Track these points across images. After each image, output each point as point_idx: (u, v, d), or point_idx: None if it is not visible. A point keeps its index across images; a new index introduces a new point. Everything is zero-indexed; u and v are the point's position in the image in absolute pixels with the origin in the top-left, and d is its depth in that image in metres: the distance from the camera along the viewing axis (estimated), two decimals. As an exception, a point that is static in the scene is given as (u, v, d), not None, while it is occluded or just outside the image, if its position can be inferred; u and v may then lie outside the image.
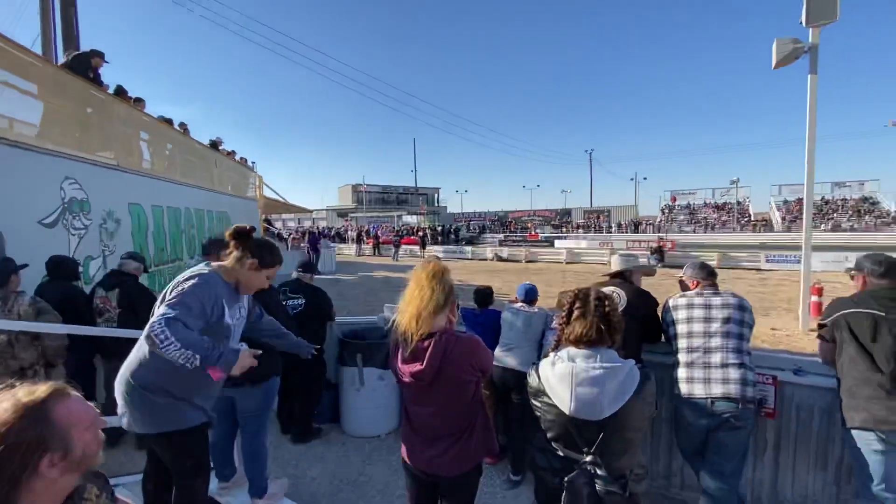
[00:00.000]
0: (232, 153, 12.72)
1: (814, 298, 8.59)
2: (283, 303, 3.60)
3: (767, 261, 17.77)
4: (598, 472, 1.44)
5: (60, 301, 3.16)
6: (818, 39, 7.09)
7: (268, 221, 22.76)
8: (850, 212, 36.32)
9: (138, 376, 1.91)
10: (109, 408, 3.66)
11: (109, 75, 6.52)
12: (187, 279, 1.88)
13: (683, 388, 2.42)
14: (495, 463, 3.39)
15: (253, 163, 15.46)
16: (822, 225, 33.92)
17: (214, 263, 2.03)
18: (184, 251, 8.13)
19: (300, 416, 3.89)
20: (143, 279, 4.34)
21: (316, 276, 4.23)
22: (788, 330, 7.93)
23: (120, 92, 6.79)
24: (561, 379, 1.47)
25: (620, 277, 3.03)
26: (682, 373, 2.46)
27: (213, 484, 2.88)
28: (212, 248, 3.91)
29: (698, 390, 2.37)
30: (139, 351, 1.94)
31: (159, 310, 1.78)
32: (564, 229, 45.80)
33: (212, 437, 2.76)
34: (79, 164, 5.16)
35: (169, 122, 8.43)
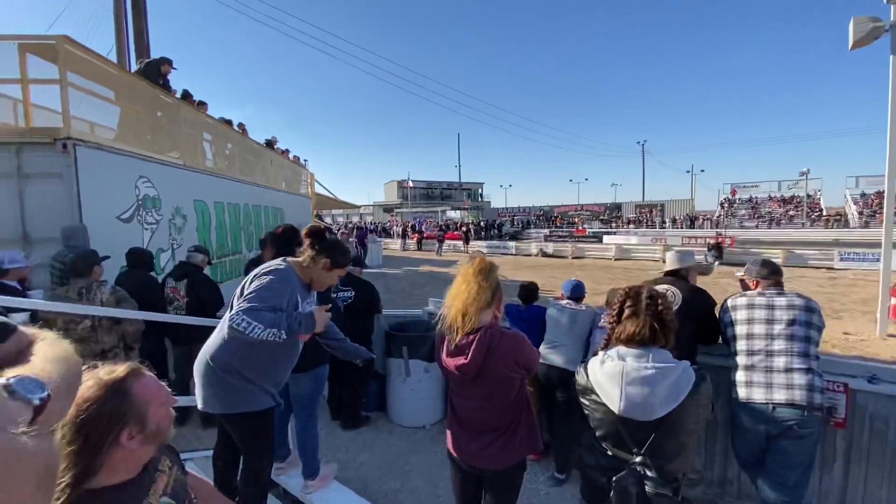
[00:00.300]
0: (286, 152, 13.29)
1: (893, 301, 7.82)
2: (334, 295, 3.76)
3: (841, 259, 16.34)
4: (649, 473, 1.41)
5: (137, 290, 3.47)
6: (905, 15, 6.41)
7: (319, 217, 23.63)
8: (942, 205, 32.58)
9: (217, 359, 2.04)
10: (179, 387, 4.01)
11: (175, 81, 6.98)
12: (266, 273, 1.99)
13: (742, 392, 2.30)
14: (539, 460, 3.38)
15: (305, 160, 16.08)
16: (908, 220, 30.67)
17: (290, 259, 2.14)
18: (242, 244, 8.63)
19: (349, 403, 4.06)
20: (207, 270, 4.67)
21: (364, 270, 4.37)
22: (863, 334, 7.28)
23: (186, 96, 7.28)
24: (610, 378, 1.45)
25: (675, 275, 2.91)
26: (740, 376, 2.34)
27: (270, 463, 3.08)
28: (269, 243, 4.16)
29: (758, 395, 2.24)
30: (219, 335, 2.08)
31: (238, 302, 1.91)
32: (614, 224, 44.20)
33: None
34: (151, 164, 5.60)
35: (229, 123, 8.94)
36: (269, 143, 11.51)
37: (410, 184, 54.96)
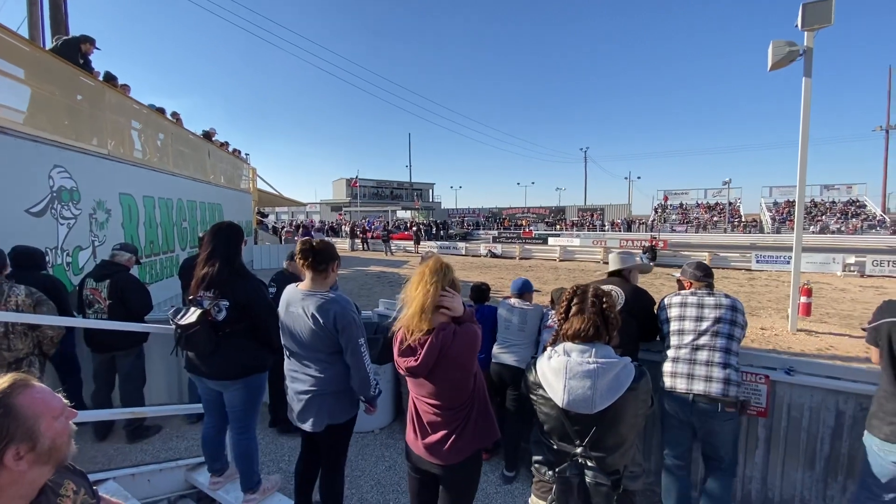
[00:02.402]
0: (225, 144, 12.57)
1: (802, 299, 8.69)
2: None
3: (757, 261, 17.96)
4: (589, 464, 1.44)
5: (44, 291, 3.10)
6: (812, 43, 7.14)
7: (261, 214, 22.57)
8: (837, 214, 36.80)
9: (336, 382, 2.19)
10: (99, 399, 3.64)
11: (100, 63, 6.37)
12: (354, 316, 2.11)
13: (667, 382, 2.52)
14: (489, 459, 3.41)
15: (247, 154, 15.31)
16: (811, 227, 34.32)
17: (328, 284, 2.22)
18: (175, 243, 8.03)
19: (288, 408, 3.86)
20: (135, 270, 4.28)
21: None
22: (777, 329, 8.02)
23: (109, 79, 6.67)
24: (555, 372, 1.49)
25: (619, 276, 3.04)
26: (667, 367, 2.55)
27: (205, 477, 2.86)
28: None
29: (680, 385, 2.46)
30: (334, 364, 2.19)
31: (357, 356, 2.09)
32: (558, 227, 45.89)
33: (204, 431, 2.74)
34: (68, 153, 5.06)
35: (161, 111, 8.29)
36: (207, 135, 10.82)
37: (359, 182, 53.94)
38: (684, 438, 2.51)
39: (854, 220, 35.31)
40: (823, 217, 36.69)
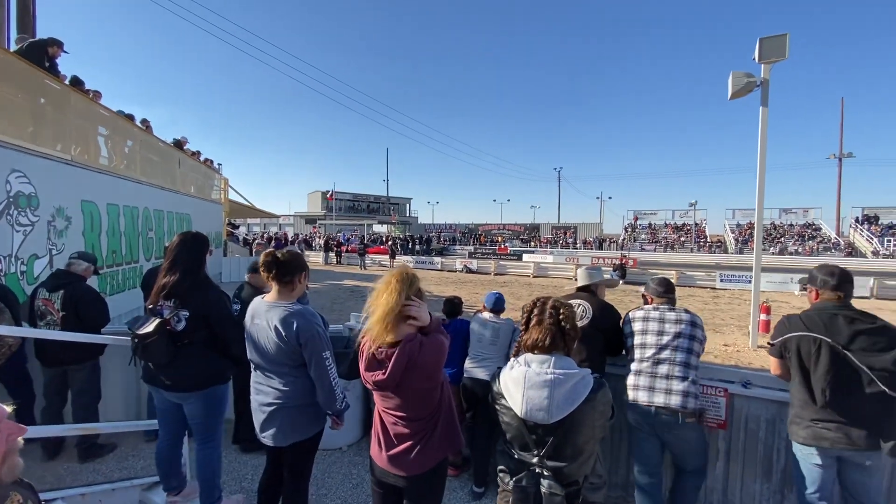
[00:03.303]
0: (196, 153, 12.32)
1: (762, 317, 9.07)
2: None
3: (721, 280, 18.68)
4: (545, 473, 1.47)
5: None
6: (769, 75, 7.62)
7: (232, 225, 22.07)
8: (795, 237, 38.73)
9: (300, 398, 2.14)
10: (49, 415, 3.44)
11: (68, 67, 6.20)
12: (318, 329, 2.07)
13: (630, 394, 2.61)
14: (458, 475, 3.38)
15: (219, 165, 15.02)
16: (771, 248, 35.97)
17: (295, 295, 2.17)
18: (140, 253, 7.76)
19: (251, 424, 3.74)
20: (94, 281, 4.11)
21: None
22: (738, 346, 8.33)
23: (76, 83, 6.48)
24: (515, 382, 1.52)
25: (587, 291, 3.12)
26: (630, 380, 2.64)
27: (161, 497, 2.73)
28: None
29: (642, 397, 2.54)
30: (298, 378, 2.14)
31: (321, 369, 2.05)
32: (533, 244, 46.54)
33: (158, 446, 2.63)
34: (28, 157, 4.87)
35: (130, 118, 8.08)
36: (178, 144, 10.60)
37: (335, 195, 53.49)
38: (653, 451, 2.57)
39: (810, 242, 37.22)
40: (782, 239, 38.53)
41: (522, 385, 1.49)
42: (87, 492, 2.59)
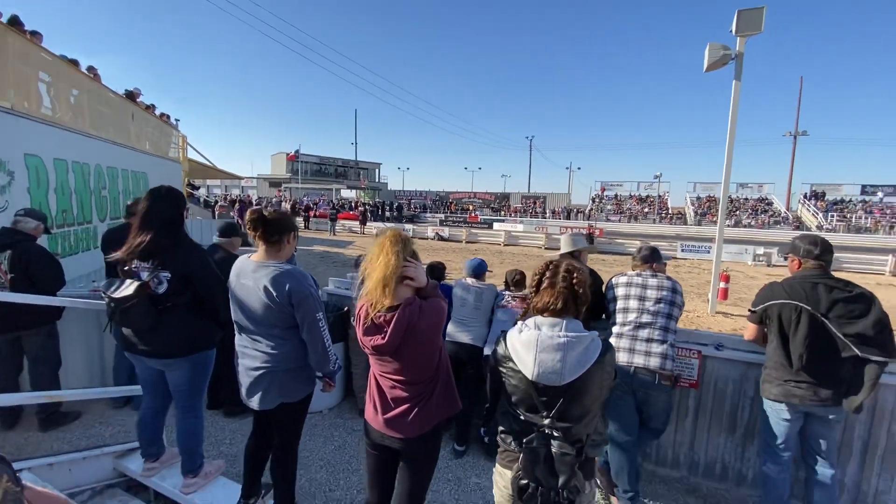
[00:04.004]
0: (151, 107, 11.43)
1: (722, 285, 9.56)
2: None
3: (682, 251, 19.50)
4: (555, 434, 1.49)
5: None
6: (744, 49, 7.71)
7: (192, 186, 20.96)
8: (749, 210, 40.73)
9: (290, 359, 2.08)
10: (2, 386, 3.22)
11: (3, 4, 5.49)
12: (311, 290, 2.00)
13: None
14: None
15: (177, 120, 14.06)
16: (728, 220, 37.83)
17: (283, 256, 2.07)
18: (93, 213, 7.24)
19: (233, 389, 3.66)
20: (44, 241, 3.80)
21: (246, 248, 3.91)
22: (699, 312, 8.79)
23: (14, 22, 5.77)
24: (526, 345, 1.51)
25: (570, 257, 3.14)
26: (612, 341, 2.71)
27: (137, 464, 2.64)
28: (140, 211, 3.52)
29: (623, 358, 2.64)
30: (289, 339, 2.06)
31: (314, 331, 1.98)
32: (503, 212, 46.88)
33: (141, 413, 2.52)
34: (-42, 102, 4.34)
35: (74, 63, 7.32)
36: (131, 95, 9.77)
37: (298, 157, 51.46)
38: (628, 409, 2.67)
39: (763, 215, 39.25)
40: (738, 212, 40.41)
41: (534, 348, 1.47)
42: (55, 461, 2.47)
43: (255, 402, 2.07)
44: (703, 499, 2.95)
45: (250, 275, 1.99)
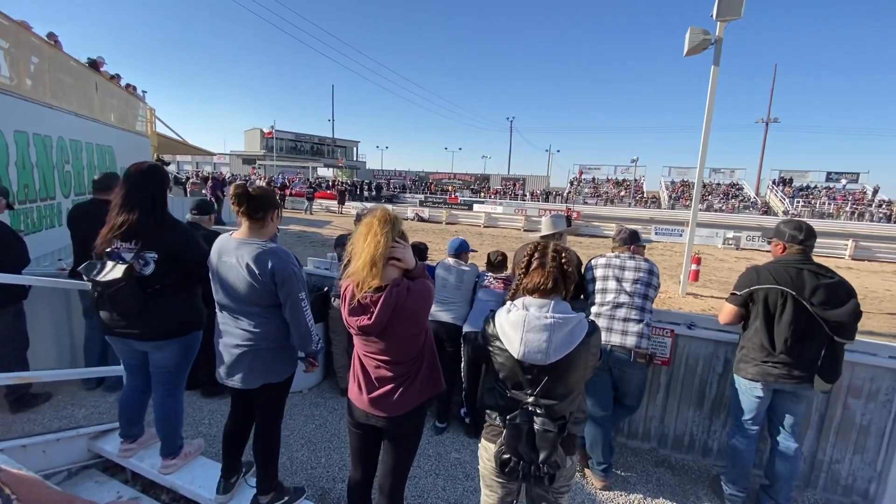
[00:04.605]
0: (116, 77, 10.85)
1: (693, 267, 9.88)
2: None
3: (656, 234, 19.98)
4: (538, 411, 1.54)
5: None
6: (723, 34, 7.80)
7: (161, 161, 20.15)
8: (721, 195, 41.94)
9: (272, 338, 2.05)
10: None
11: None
12: (295, 268, 1.97)
13: None
14: (421, 413, 3.50)
15: (144, 92, 13.39)
16: (700, 205, 38.80)
17: (266, 234, 2.02)
18: (56, 188, 6.90)
19: (210, 367, 3.62)
20: (6, 217, 3.62)
21: (219, 227, 3.83)
22: (670, 293, 9.07)
23: (-40, -21, 5.33)
24: (514, 325, 1.54)
25: (552, 239, 3.18)
26: None
27: (113, 445, 2.61)
28: (104, 185, 3.38)
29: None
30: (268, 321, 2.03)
31: (297, 310, 1.97)
32: (483, 194, 46.88)
33: (124, 393, 2.48)
34: None
35: (26, 26, 6.84)
36: (94, 64, 9.24)
37: (275, 133, 49.94)
38: (605, 386, 2.77)
39: (733, 200, 40.46)
40: (710, 196, 41.52)
41: (521, 328, 1.51)
42: (27, 443, 2.40)
43: (236, 381, 2.05)
44: (671, 469, 3.11)
45: (233, 252, 1.95)
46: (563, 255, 1.59)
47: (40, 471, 2.36)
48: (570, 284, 1.60)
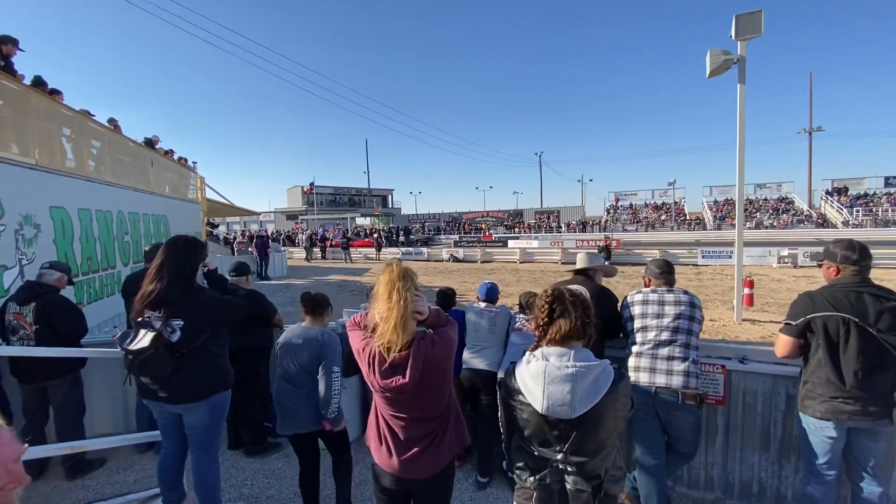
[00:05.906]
0: (170, 152, 11.91)
1: (746, 291, 9.27)
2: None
3: (703, 257, 19.06)
4: (569, 469, 1.43)
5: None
6: (745, 52, 7.67)
7: (211, 224, 21.56)
8: (770, 211, 39.77)
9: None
10: (30, 433, 3.29)
11: (26, 66, 5.87)
12: (337, 348, 2.60)
13: (631, 376, 2.57)
14: (461, 465, 3.36)
15: (194, 163, 14.56)
16: (748, 223, 36.84)
17: (323, 323, 2.78)
18: (116, 258, 7.48)
19: (253, 428, 3.67)
20: (69, 290, 3.93)
21: (266, 282, 4.01)
22: (724, 321, 8.50)
23: (38, 83, 6.13)
24: (534, 377, 1.46)
25: (584, 275, 3.09)
26: (631, 362, 2.62)
27: (158, 512, 2.64)
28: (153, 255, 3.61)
29: (643, 378, 2.53)
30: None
31: (328, 376, 2.50)
32: (517, 229, 46.76)
33: (161, 458, 2.54)
34: (-12, 163, 4.59)
35: (88, 114, 7.69)
36: (150, 143, 10.21)
37: (315, 189, 52.56)
38: (654, 432, 2.56)
39: (784, 215, 38.26)
40: (758, 213, 39.50)
41: (542, 380, 1.43)
42: (79, 511, 2.48)
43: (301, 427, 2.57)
44: (742, 523, 2.79)
45: (300, 335, 2.60)
46: (581, 298, 1.52)
47: (89, 540, 2.41)
48: (591, 329, 1.52)
